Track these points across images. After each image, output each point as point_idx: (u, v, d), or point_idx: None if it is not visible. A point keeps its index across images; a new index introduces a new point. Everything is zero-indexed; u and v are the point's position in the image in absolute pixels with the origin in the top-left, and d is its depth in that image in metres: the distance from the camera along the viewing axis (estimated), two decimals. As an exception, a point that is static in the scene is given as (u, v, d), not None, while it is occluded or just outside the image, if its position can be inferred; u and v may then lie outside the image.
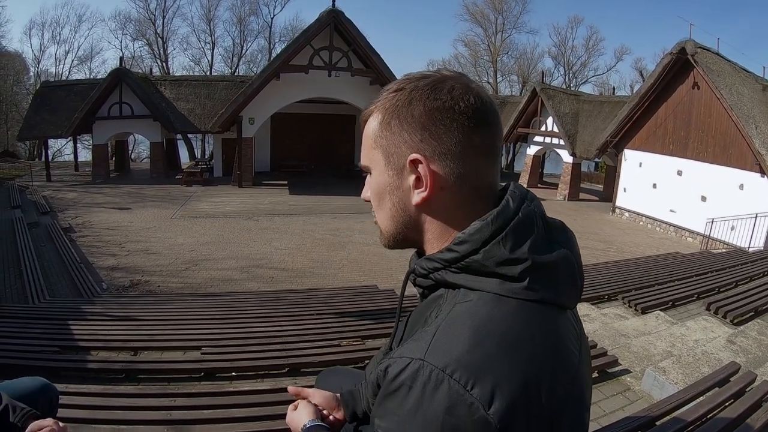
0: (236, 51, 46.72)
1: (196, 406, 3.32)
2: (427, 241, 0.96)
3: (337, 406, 1.42)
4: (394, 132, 0.91)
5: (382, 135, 0.93)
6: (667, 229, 18.33)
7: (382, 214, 0.98)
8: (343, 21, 21.65)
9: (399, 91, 0.92)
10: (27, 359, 4.53)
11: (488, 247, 0.85)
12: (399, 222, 0.96)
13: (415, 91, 0.90)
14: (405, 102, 0.90)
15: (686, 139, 17.46)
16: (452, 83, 0.90)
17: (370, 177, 1.00)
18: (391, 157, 0.93)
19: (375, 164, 0.96)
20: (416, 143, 0.89)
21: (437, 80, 0.91)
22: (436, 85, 0.90)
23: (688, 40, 16.71)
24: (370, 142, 0.96)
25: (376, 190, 0.98)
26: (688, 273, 8.97)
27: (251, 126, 23.54)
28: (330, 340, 5.43)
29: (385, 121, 0.92)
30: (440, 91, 0.89)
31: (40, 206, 18.19)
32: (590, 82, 49.80)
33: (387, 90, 0.95)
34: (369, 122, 0.96)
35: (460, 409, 0.73)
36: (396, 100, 0.91)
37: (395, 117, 0.91)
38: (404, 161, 0.91)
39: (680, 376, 3.71)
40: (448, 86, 0.89)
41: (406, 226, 0.96)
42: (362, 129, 1.00)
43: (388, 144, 0.92)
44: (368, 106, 0.97)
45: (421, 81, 0.91)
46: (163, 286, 10.65)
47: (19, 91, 40.61)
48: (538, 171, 29.40)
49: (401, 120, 0.90)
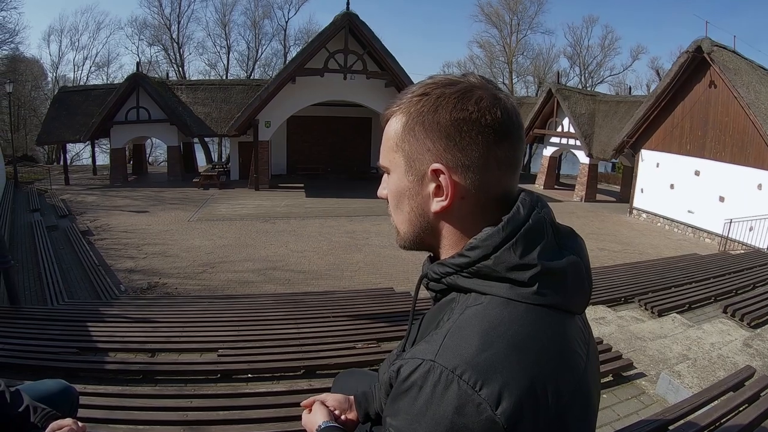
0: (251, 55, 47.12)
1: (213, 407, 3.37)
2: (442, 247, 0.97)
3: (351, 408, 1.45)
4: (417, 138, 0.91)
5: (404, 139, 0.93)
6: (685, 231, 18.12)
7: (399, 216, 0.99)
8: (358, 24, 21.74)
9: (425, 96, 0.91)
10: (46, 360, 4.60)
11: (499, 253, 0.86)
12: (416, 226, 0.97)
13: (441, 98, 0.90)
14: (431, 109, 0.90)
15: (703, 138, 17.24)
16: (480, 93, 0.90)
17: (387, 176, 1.00)
18: (412, 163, 0.93)
19: (395, 167, 0.96)
20: (439, 152, 0.90)
21: (465, 89, 0.90)
22: (464, 95, 0.89)
23: (704, 38, 16.54)
24: (392, 144, 0.95)
25: (394, 193, 0.98)
26: (706, 275, 8.89)
27: (267, 129, 23.69)
28: (345, 342, 5.45)
29: (409, 126, 0.92)
30: (468, 101, 0.89)
31: (58, 209, 18.42)
32: (606, 81, 49.48)
33: (411, 92, 0.94)
34: (390, 123, 0.96)
35: (468, 409, 0.75)
36: (421, 106, 0.91)
37: (419, 123, 0.91)
38: (426, 169, 0.91)
39: (695, 380, 3.69)
40: (476, 96, 0.89)
41: (423, 230, 0.97)
42: (382, 128, 1.00)
43: (410, 149, 0.92)
44: (390, 106, 0.97)
45: (448, 88, 0.90)
46: (180, 288, 10.73)
47: (38, 97, 41.24)
48: (554, 172, 29.24)
49: (426, 127, 0.90)
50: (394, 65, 22.32)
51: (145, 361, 4.96)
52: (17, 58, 38.55)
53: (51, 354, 4.94)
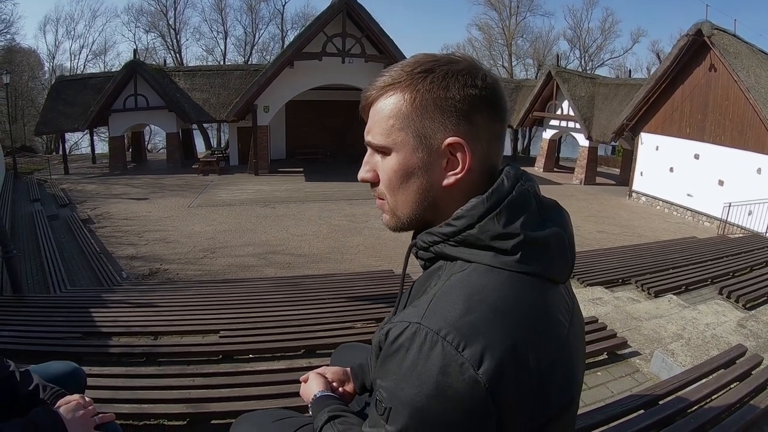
0: (248, 40, 46.98)
1: (214, 385, 3.42)
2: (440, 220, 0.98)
3: (348, 380, 1.51)
4: (431, 115, 0.93)
5: (414, 117, 0.94)
6: (684, 214, 18.14)
7: (402, 197, 0.99)
8: (356, 7, 21.63)
9: (430, 73, 0.93)
10: (51, 346, 4.64)
11: (483, 222, 0.90)
12: (421, 203, 0.98)
13: (450, 75, 0.92)
14: (442, 86, 0.92)
15: (703, 122, 17.21)
16: (483, 72, 0.94)
17: (381, 156, 1.00)
18: (423, 139, 0.94)
19: (401, 146, 0.96)
20: (453, 126, 0.92)
21: (470, 66, 0.94)
22: (471, 72, 0.93)
23: (705, 22, 16.43)
24: (395, 123, 0.95)
25: (399, 172, 0.97)
26: (703, 258, 8.94)
27: (266, 114, 23.69)
28: (345, 322, 5.50)
29: (420, 103, 0.93)
30: (476, 77, 0.93)
31: (58, 199, 18.45)
32: (606, 65, 49.02)
33: (409, 70, 0.95)
34: (388, 100, 0.96)
35: (452, 369, 0.79)
36: (430, 83, 0.92)
37: (431, 100, 0.92)
38: (439, 144, 0.93)
39: (689, 359, 3.73)
40: (481, 75, 0.93)
41: (426, 207, 0.98)
42: (368, 105, 1.01)
43: (422, 126, 0.93)
44: (377, 83, 0.98)
45: (454, 65, 0.93)
46: (181, 273, 10.79)
47: (35, 87, 41.07)
48: (554, 155, 29.22)
49: (438, 103, 0.92)
50: (393, 48, 22.21)
51: (148, 344, 5.01)
52: (13, 49, 38.47)
53: (56, 340, 5.00)
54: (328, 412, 1.24)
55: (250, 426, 1.55)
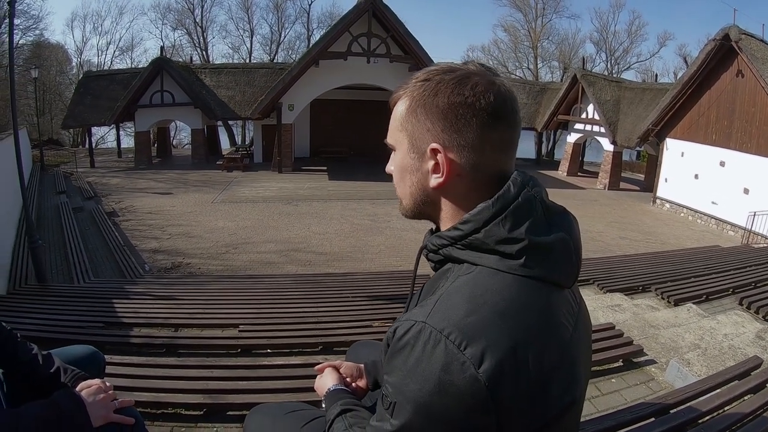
0: (274, 38, 46.93)
1: (232, 378, 3.48)
2: (441, 219, 1.05)
3: (361, 376, 1.56)
4: (419, 120, 0.99)
5: (408, 120, 1.01)
6: (708, 222, 17.84)
7: (402, 189, 1.08)
8: (381, 7, 21.65)
9: (426, 81, 0.99)
10: (73, 334, 4.75)
11: (489, 227, 0.93)
12: (417, 199, 1.05)
13: (441, 84, 0.97)
14: (431, 93, 0.97)
15: (729, 128, 16.89)
16: (477, 80, 0.96)
17: (394, 154, 1.08)
18: (414, 142, 1.01)
19: (400, 145, 1.05)
20: (437, 133, 0.97)
21: (463, 75, 0.97)
22: (461, 80, 0.96)
23: (732, 26, 16.17)
24: (397, 124, 1.04)
25: (399, 168, 1.07)
26: (726, 267, 8.78)
27: (291, 112, 23.80)
28: (363, 321, 5.53)
29: (412, 108, 1.00)
30: (464, 86, 0.95)
31: (84, 191, 18.75)
32: (633, 68, 48.16)
33: (416, 78, 1.02)
34: (398, 105, 1.04)
35: (454, 367, 0.82)
36: (423, 90, 0.98)
37: (421, 106, 0.98)
38: (426, 147, 0.99)
39: (704, 369, 3.70)
40: (472, 82, 0.96)
41: (423, 203, 1.05)
42: (390, 109, 1.07)
43: (413, 129, 1.00)
44: (397, 90, 1.05)
45: (448, 74, 0.98)
46: (203, 268, 10.90)
47: (62, 81, 41.59)
48: (578, 159, 28.88)
49: (426, 109, 0.98)
50: (418, 49, 22.21)
51: (168, 335, 5.11)
52: (42, 44, 39.00)
53: (78, 328, 5.12)
54: (341, 405, 1.28)
55: (263, 417, 1.60)
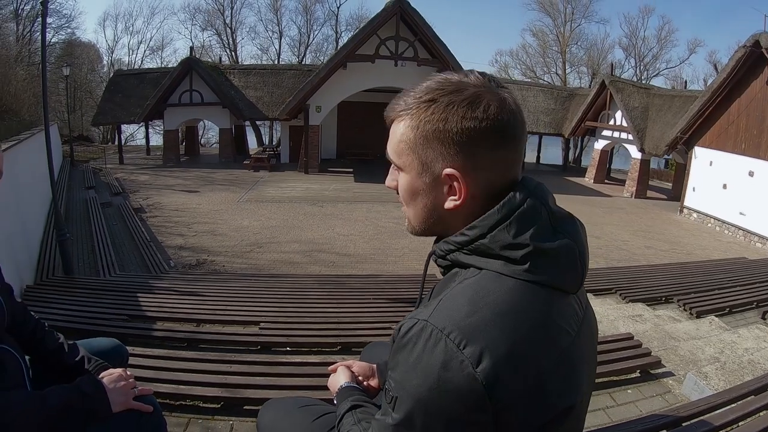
0: (303, 40, 47.25)
1: (250, 373, 3.49)
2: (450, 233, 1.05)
3: (374, 375, 1.59)
4: (431, 145, 0.97)
5: (418, 144, 0.99)
6: (736, 233, 17.42)
7: (412, 210, 1.07)
8: (409, 11, 21.66)
9: (433, 103, 0.96)
10: (98, 326, 4.83)
11: (494, 233, 0.95)
12: (427, 219, 1.05)
13: (450, 107, 0.95)
14: (441, 118, 0.95)
15: (759, 138, 16.49)
16: (488, 100, 0.95)
17: (398, 172, 1.06)
18: (426, 167, 0.99)
19: (409, 168, 1.02)
20: (451, 157, 0.96)
21: (473, 97, 0.95)
22: (472, 103, 0.94)
23: (762, 33, 15.77)
24: (404, 147, 1.01)
25: (408, 190, 1.04)
26: (751, 280, 8.56)
27: (318, 114, 23.92)
28: (384, 323, 5.52)
29: (421, 133, 0.98)
30: (476, 108, 0.94)
31: (112, 187, 19.07)
32: (662, 75, 47.32)
33: (417, 97, 0.99)
34: (399, 125, 1.01)
35: (453, 365, 0.85)
36: (432, 113, 0.96)
37: (432, 131, 0.96)
38: (440, 172, 0.98)
39: (722, 383, 3.62)
40: (484, 104, 0.94)
41: (433, 223, 1.06)
42: (386, 123, 1.05)
43: (424, 154, 0.99)
44: (395, 106, 1.03)
45: (456, 95, 0.95)
46: (227, 266, 10.96)
47: (93, 79, 42.65)
48: (605, 166, 28.59)
49: (437, 134, 0.96)
50: (445, 52, 22.17)
51: (190, 330, 5.16)
52: (74, 43, 40.28)
53: (103, 320, 5.19)
54: (351, 401, 1.32)
55: (276, 411, 1.65)
